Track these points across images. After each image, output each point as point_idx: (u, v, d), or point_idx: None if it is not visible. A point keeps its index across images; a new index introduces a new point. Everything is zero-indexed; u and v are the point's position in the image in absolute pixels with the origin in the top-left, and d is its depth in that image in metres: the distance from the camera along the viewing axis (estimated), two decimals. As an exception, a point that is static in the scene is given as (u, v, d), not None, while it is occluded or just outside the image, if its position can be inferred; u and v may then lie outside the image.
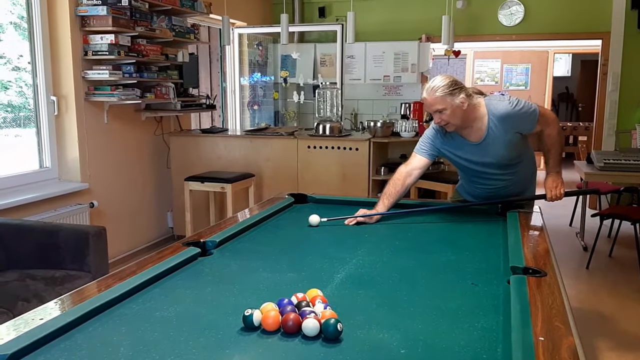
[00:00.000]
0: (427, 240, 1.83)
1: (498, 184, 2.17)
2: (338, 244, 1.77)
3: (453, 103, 1.97)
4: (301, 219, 2.05)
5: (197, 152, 4.26)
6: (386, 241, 1.83)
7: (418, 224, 2.03)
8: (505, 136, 2.03)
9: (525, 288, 1.28)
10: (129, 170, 3.93)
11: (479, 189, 2.23)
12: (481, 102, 2.05)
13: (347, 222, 1.99)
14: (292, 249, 1.72)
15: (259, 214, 2.07)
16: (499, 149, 2.05)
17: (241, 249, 1.71)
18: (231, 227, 1.85)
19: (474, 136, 2.07)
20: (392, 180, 2.13)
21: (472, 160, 2.12)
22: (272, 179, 4.12)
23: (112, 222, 3.67)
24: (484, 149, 2.07)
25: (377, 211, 2.05)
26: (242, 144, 4.23)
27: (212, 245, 1.67)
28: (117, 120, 3.75)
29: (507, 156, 2.08)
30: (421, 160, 2.14)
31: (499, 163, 2.09)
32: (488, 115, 2.03)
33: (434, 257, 1.63)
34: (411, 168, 2.14)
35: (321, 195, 2.42)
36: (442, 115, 1.99)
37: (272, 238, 1.86)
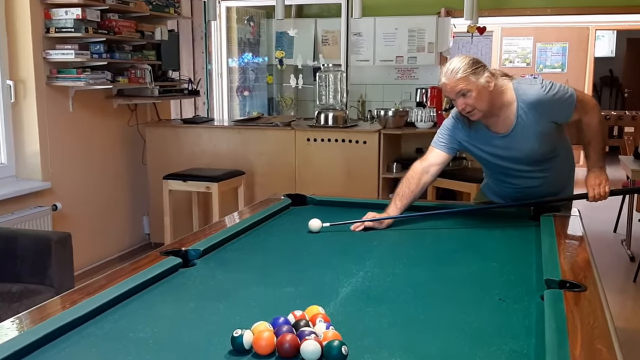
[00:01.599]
0: (447, 249, 1.83)
1: (530, 182, 2.16)
2: (342, 253, 1.77)
3: (478, 83, 1.95)
4: (299, 224, 2.05)
5: (178, 146, 4.27)
6: (399, 250, 1.83)
7: (436, 230, 2.03)
8: (537, 126, 2.02)
9: (562, 305, 1.28)
10: (99, 167, 3.93)
11: (507, 188, 2.22)
12: (509, 86, 2.04)
13: (353, 228, 1.99)
14: (289, 259, 1.72)
15: (250, 218, 2.07)
16: (530, 142, 2.04)
17: (229, 259, 1.71)
18: (217, 234, 1.86)
19: (501, 126, 2.06)
20: (406, 179, 2.12)
21: (498, 155, 2.11)
22: (265, 177, 4.12)
23: (78, 227, 3.68)
24: (512, 141, 2.06)
25: (389, 215, 2.04)
26: (231, 136, 4.23)
27: (196, 255, 1.67)
28: (84, 109, 3.75)
29: (540, 150, 2.07)
30: (439, 155, 2.14)
31: (531, 158, 2.09)
32: (517, 101, 2.02)
33: (454, 269, 1.63)
34: (428, 164, 2.14)
35: (323, 197, 2.42)
36: (467, 99, 1.96)
37: (265, 246, 1.86)
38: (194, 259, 1.66)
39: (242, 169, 4.10)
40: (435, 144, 2.16)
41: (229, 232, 1.88)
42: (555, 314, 1.23)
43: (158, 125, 4.36)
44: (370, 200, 2.45)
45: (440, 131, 2.17)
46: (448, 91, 1.98)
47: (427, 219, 2.11)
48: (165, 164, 4.19)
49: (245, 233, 1.95)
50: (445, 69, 1.97)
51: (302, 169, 4.05)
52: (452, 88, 1.96)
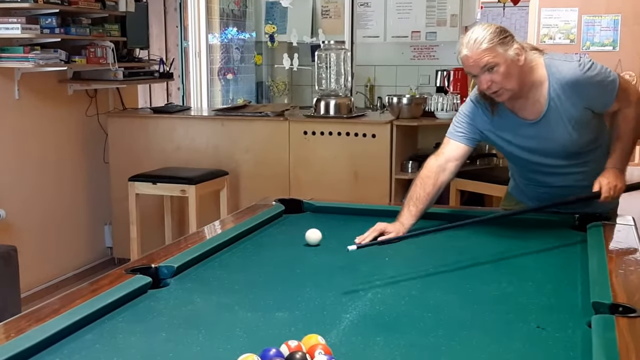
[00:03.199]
0: (473, 265, 1.83)
1: (565, 181, 2.16)
2: (347, 270, 1.78)
3: (507, 56, 1.93)
4: (295, 236, 2.05)
5: (147, 141, 4.28)
6: (415, 266, 1.83)
7: (459, 242, 2.03)
8: (572, 111, 2.02)
9: (613, 333, 1.28)
10: (51, 166, 3.94)
11: (538, 189, 2.23)
12: (539, 62, 2.04)
13: (358, 240, 1.98)
14: (282, 278, 1.73)
15: (235, 229, 2.07)
16: (565, 130, 2.05)
17: (210, 278, 1.71)
18: (195, 247, 1.86)
19: (530, 111, 2.06)
20: (420, 179, 2.12)
21: (528, 147, 2.12)
22: (253, 179, 4.13)
23: (26, 239, 3.68)
24: (544, 129, 2.06)
25: (402, 224, 2.03)
26: (211, 128, 4.23)
27: (169, 273, 1.67)
28: (32, 95, 3.76)
29: (580, 140, 2.07)
30: (458, 148, 2.14)
31: (568, 150, 2.09)
32: (548, 80, 2.02)
33: (483, 289, 1.63)
34: (444, 160, 2.14)
35: (323, 202, 2.43)
36: (494, 75, 1.94)
37: (253, 262, 1.86)
38: (167, 277, 1.66)
39: (225, 168, 4.10)
40: (452, 134, 2.16)
41: (209, 246, 1.88)
42: (605, 345, 1.23)
43: (123, 115, 4.36)
44: (380, 206, 2.44)
45: (457, 119, 2.17)
46: (470, 65, 1.96)
47: (449, 229, 2.10)
48: (132, 162, 4.19)
49: (229, 247, 1.95)
50: (467, 39, 1.95)
51: (297, 168, 4.05)
52: (476, 61, 1.94)
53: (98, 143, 4.29)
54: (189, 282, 1.66)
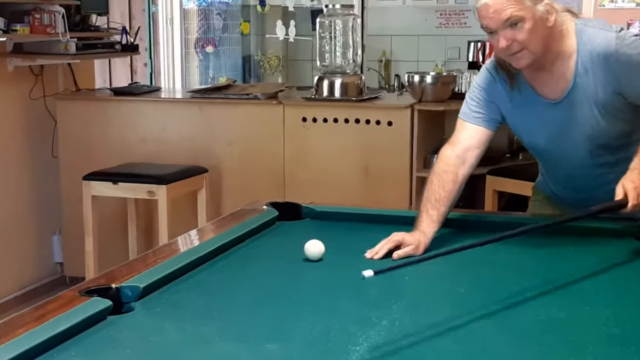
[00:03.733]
0: (513, 285, 1.82)
1: (594, 182, 2.18)
2: (356, 292, 1.77)
3: (535, 11, 1.95)
4: (291, 248, 2.05)
5: (106, 130, 4.28)
6: (441, 287, 1.83)
7: (496, 256, 2.03)
8: (599, 93, 2.04)
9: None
10: (-15, 161, 3.95)
11: (568, 192, 2.26)
12: (570, 28, 2.06)
13: (369, 255, 1.99)
14: (274, 301, 1.72)
15: (215, 240, 2.07)
16: (590, 114, 2.06)
17: (184, 302, 1.71)
18: (166, 263, 1.86)
19: (552, 88, 2.08)
20: (436, 175, 2.14)
21: (548, 134, 2.14)
22: (239, 178, 4.13)
23: (-45, 253, 3.68)
24: (567, 112, 2.08)
25: (423, 232, 2.03)
26: (187, 114, 4.24)
27: (133, 295, 1.68)
28: (-37, 73, 3.76)
29: (606, 130, 2.08)
30: (477, 133, 2.17)
31: (593, 142, 2.10)
32: (577, 52, 2.04)
33: (526, 315, 1.63)
34: (462, 149, 2.16)
35: (326, 206, 2.43)
36: (517, 31, 1.94)
37: (238, 282, 1.86)
38: (131, 301, 1.66)
39: (203, 164, 4.11)
40: (467, 115, 2.19)
41: (183, 261, 1.88)
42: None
43: (76, 98, 4.37)
44: (398, 211, 2.44)
45: (472, 94, 2.20)
46: (489, 17, 1.96)
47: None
48: (87, 157, 4.20)
49: (209, 262, 1.95)
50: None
51: (294, 164, 4.05)
52: (497, 12, 1.94)
53: (45, 132, 4.29)
54: (158, 307, 1.66)
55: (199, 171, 4.03)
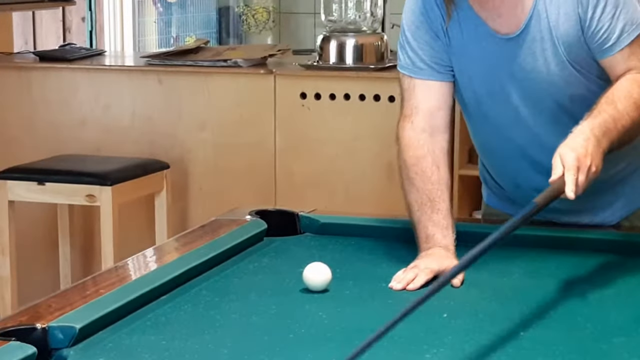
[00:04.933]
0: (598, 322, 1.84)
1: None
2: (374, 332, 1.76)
3: None
4: (285, 274, 2.07)
5: (30, 110, 4.30)
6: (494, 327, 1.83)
7: (552, 279, 2.06)
8: (564, 28, 2.15)
9: None
10: None
11: (522, 182, 2.36)
12: None
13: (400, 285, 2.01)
14: (262, 348, 1.72)
15: (180, 262, 2.08)
16: (553, 56, 2.18)
17: (137, 348, 1.71)
18: (112, 294, 1.86)
19: (507, 18, 2.17)
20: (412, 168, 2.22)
21: (498, 84, 2.24)
22: (213, 176, 4.14)
23: None
24: (524, 51, 2.18)
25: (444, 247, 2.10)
26: (141, 88, 4.27)
27: (66, 339, 1.67)
28: None
29: (571, 82, 2.21)
30: (432, 89, 2.26)
31: (555, 100, 2.23)
32: None
33: None
34: (424, 118, 2.25)
35: (332, 216, 2.44)
36: None
37: (213, 320, 1.86)
38: (63, 346, 1.66)
39: (163, 157, 4.12)
40: (412, 69, 2.27)
41: (135, 292, 1.88)
42: None
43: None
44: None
45: (407, 36, 2.28)
46: None
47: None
48: (3, 147, 4.19)
49: (171, 294, 1.96)
50: None
51: (290, 157, 4.06)
52: None
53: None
54: (101, 355, 1.65)
55: (157, 167, 4.03)
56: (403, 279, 2.00)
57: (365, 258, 2.20)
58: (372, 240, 2.31)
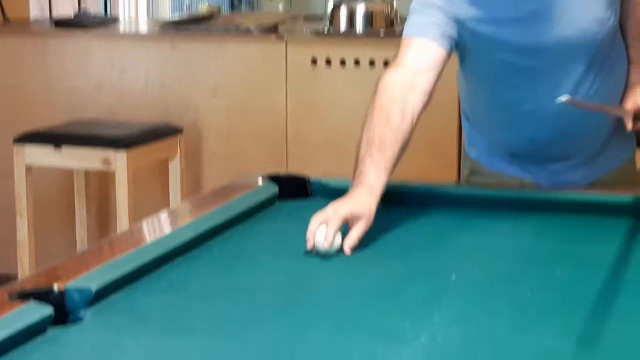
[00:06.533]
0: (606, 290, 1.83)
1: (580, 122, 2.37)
2: (385, 296, 1.79)
3: None
4: (296, 237, 2.06)
5: (45, 76, 4.30)
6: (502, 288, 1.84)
7: (577, 246, 2.05)
8: None
9: None
10: None
11: (526, 133, 2.41)
12: None
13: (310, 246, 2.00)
14: (273, 310, 1.73)
15: (194, 225, 2.09)
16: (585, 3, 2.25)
17: (152, 310, 1.72)
18: (127, 258, 1.86)
19: None
20: (379, 108, 2.20)
21: (530, 38, 2.26)
22: (226, 141, 4.13)
23: None
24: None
25: (370, 187, 2.09)
26: (155, 55, 4.27)
27: (83, 301, 1.68)
28: None
29: (605, 22, 2.27)
30: (428, 51, 2.25)
31: (588, 40, 2.28)
32: None
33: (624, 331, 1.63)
34: (411, 72, 2.23)
35: (343, 180, 2.42)
36: None
37: (225, 283, 1.87)
38: (80, 307, 1.66)
39: (177, 123, 4.12)
40: (416, 29, 2.27)
41: (151, 255, 1.89)
42: None
43: (3, 32, 4.38)
44: (444, 187, 2.47)
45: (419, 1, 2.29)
46: None
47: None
48: (19, 112, 4.21)
49: (185, 255, 1.96)
50: None
51: (301, 122, 4.05)
52: None
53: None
54: (116, 316, 1.66)
55: (171, 132, 4.03)
56: (310, 238, 1.98)
57: (376, 222, 2.20)
58: (381, 205, 2.31)
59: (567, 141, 2.41)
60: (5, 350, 1.49)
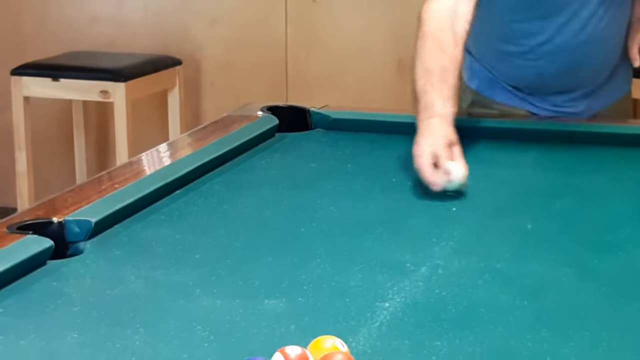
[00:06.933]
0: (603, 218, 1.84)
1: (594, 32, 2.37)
2: (386, 227, 1.79)
3: None
4: (296, 168, 2.08)
5: (41, 6, 4.26)
6: (501, 220, 1.84)
7: (577, 178, 2.06)
8: None
9: None
10: None
11: (539, 62, 2.41)
12: None
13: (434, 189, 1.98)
14: (275, 241, 1.74)
15: (194, 157, 2.09)
16: None
17: (152, 242, 1.72)
18: (126, 189, 1.87)
19: None
20: (431, 36, 2.20)
21: None
22: (225, 72, 4.11)
23: None
24: None
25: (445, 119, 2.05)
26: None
27: (82, 232, 1.68)
28: None
29: None
30: None
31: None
32: None
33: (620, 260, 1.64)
34: (450, 2, 2.21)
35: (344, 112, 2.43)
36: None
37: (225, 214, 1.88)
38: (80, 240, 1.67)
39: (175, 54, 4.10)
40: None
41: (150, 187, 1.89)
42: None
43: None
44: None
45: None
46: None
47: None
48: (15, 43, 4.19)
49: (185, 188, 1.96)
50: None
51: (300, 52, 4.03)
52: None
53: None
54: (116, 248, 1.67)
55: (169, 63, 4.01)
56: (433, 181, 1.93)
57: (376, 153, 2.20)
58: (382, 136, 2.30)
59: (573, 75, 2.42)
60: (5, 282, 1.49)
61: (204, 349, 1.31)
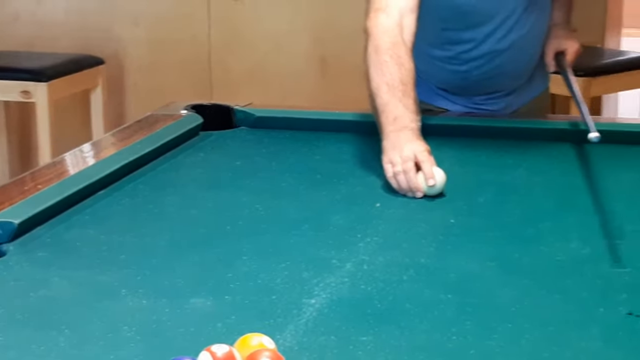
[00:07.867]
0: (524, 212, 1.87)
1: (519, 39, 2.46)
2: (311, 224, 1.80)
3: None
4: (221, 168, 2.08)
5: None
6: (425, 216, 1.85)
7: (498, 174, 2.09)
8: None
9: None
10: None
11: (464, 66, 2.47)
12: None
13: None
14: (200, 240, 1.74)
15: (117, 157, 2.07)
16: None
17: (76, 242, 1.71)
18: (50, 190, 1.85)
19: None
20: (387, 51, 2.17)
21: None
22: (148, 71, 4.10)
23: None
24: None
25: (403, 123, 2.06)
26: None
27: (5, 234, 1.67)
28: None
29: None
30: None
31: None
32: None
33: (539, 253, 1.66)
34: (398, 14, 2.20)
35: (268, 110, 2.44)
36: None
37: (150, 214, 1.87)
38: (3, 242, 1.65)
39: (98, 53, 4.07)
40: None
41: (74, 187, 1.88)
42: None
43: None
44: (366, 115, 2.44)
45: None
46: None
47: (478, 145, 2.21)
48: None
49: (109, 188, 1.95)
50: None
51: (224, 51, 4.03)
52: None
53: None
54: (40, 250, 1.65)
55: (92, 62, 3.98)
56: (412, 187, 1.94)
57: (300, 150, 2.20)
58: (306, 133, 2.31)
59: (496, 79, 2.50)
60: None
61: (130, 349, 1.31)
